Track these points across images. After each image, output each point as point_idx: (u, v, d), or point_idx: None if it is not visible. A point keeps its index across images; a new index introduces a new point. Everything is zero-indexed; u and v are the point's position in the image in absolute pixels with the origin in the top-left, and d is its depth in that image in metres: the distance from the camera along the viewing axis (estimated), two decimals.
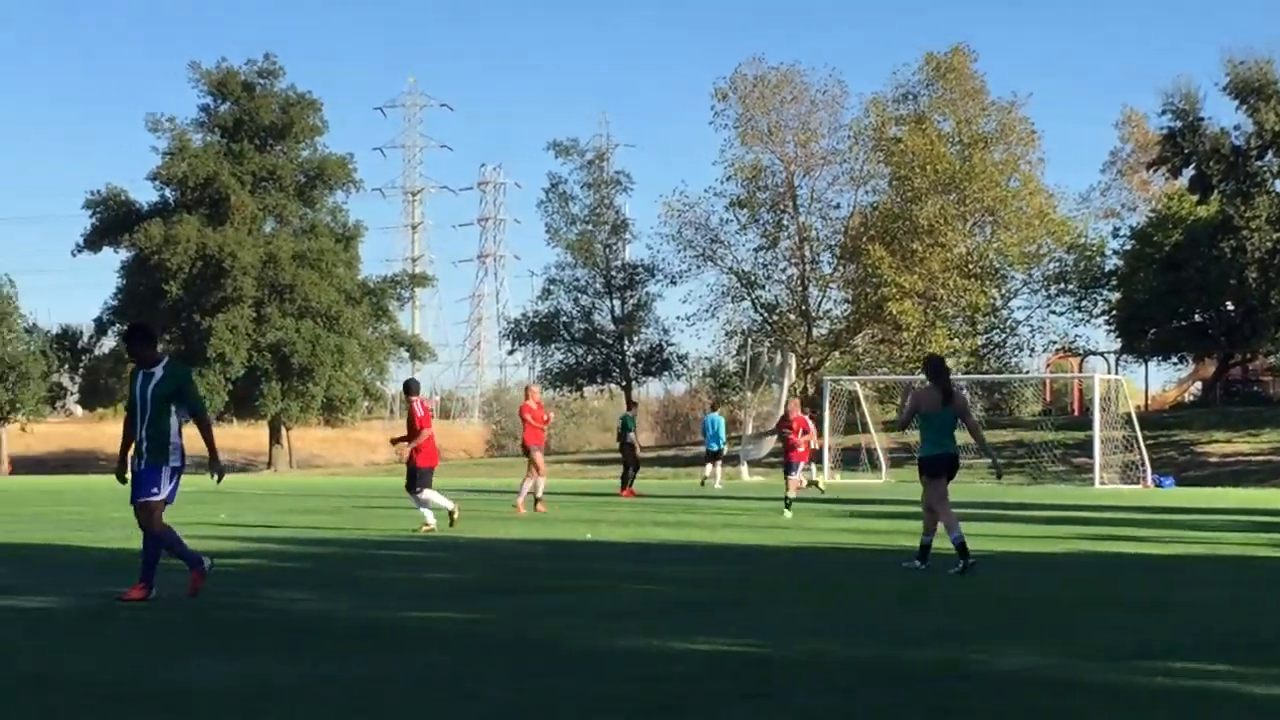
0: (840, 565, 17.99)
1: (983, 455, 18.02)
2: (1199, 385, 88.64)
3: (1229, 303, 71.98)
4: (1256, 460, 58.25)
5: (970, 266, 75.81)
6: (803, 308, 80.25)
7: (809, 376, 75.67)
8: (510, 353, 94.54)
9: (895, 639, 10.81)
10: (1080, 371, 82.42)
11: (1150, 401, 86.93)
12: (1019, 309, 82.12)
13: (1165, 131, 71.94)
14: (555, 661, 9.68)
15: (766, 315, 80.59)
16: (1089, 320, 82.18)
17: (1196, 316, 74.45)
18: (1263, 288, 68.05)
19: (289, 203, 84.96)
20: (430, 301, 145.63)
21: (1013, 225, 76.07)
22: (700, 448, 51.85)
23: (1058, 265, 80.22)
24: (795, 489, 29.62)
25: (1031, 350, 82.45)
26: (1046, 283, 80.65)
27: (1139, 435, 54.09)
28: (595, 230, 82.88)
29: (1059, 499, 39.59)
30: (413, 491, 23.22)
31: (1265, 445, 60.77)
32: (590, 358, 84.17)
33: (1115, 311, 78.16)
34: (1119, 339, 79.60)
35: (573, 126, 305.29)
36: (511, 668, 9.41)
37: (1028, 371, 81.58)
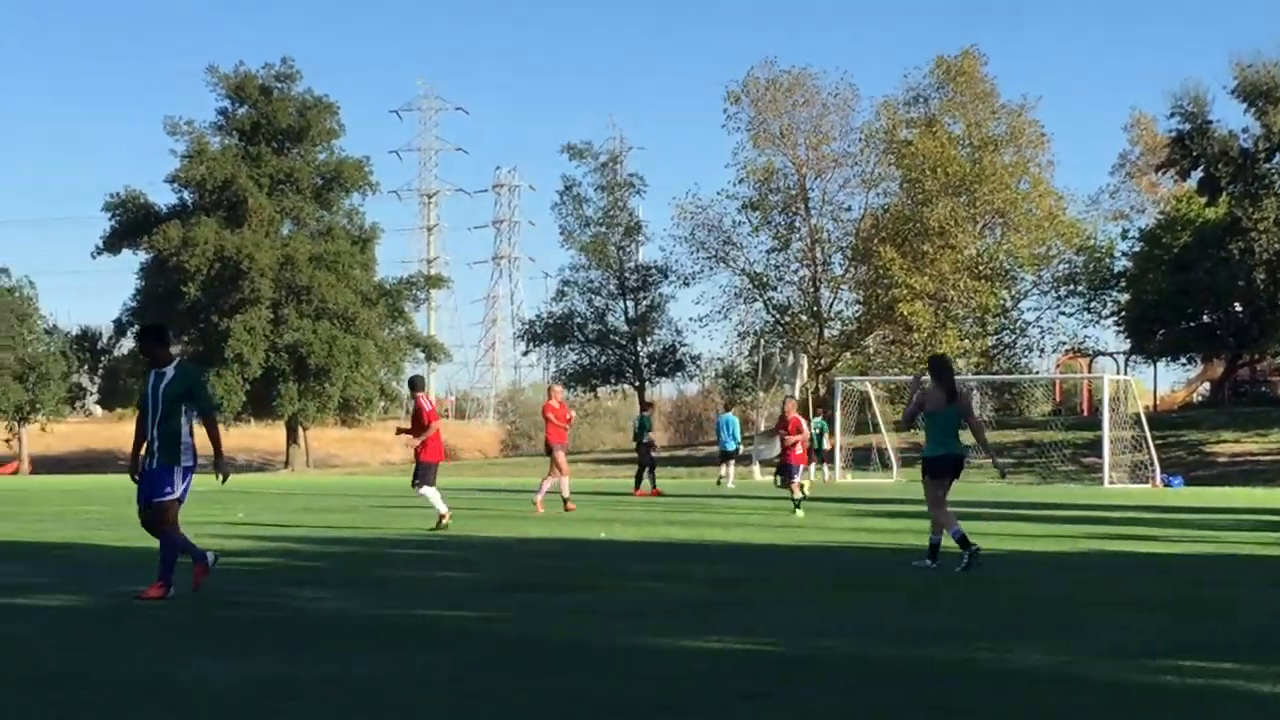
0: (850, 564, 17.97)
1: (981, 454, 17.95)
2: (1207, 386, 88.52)
3: (1237, 304, 71.86)
4: (1265, 460, 58.10)
5: (981, 268, 75.75)
6: (814, 309, 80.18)
7: (821, 377, 75.56)
8: (525, 353, 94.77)
9: (904, 638, 10.80)
10: (1090, 372, 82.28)
11: (1159, 402, 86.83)
12: (1029, 310, 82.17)
13: (1174, 134, 71.85)
14: (568, 660, 9.68)
15: (778, 316, 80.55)
16: (1098, 321, 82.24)
17: (1205, 317, 74.34)
18: (1270, 289, 67.92)
19: (306, 205, 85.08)
20: (446, 303, 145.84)
21: (1023, 227, 75.98)
22: (713, 448, 51.85)
23: (1067, 267, 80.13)
24: (797, 490, 29.50)
25: (1041, 351, 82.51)
26: (1056, 284, 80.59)
27: (1148, 435, 54.00)
28: (609, 232, 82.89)
29: (1069, 498, 39.53)
30: (417, 486, 23.29)
31: (1273, 445, 60.64)
32: (604, 358, 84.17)
33: (1124, 312, 78.06)
34: (1128, 340, 79.47)
35: (586, 130, 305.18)
36: (525, 666, 9.42)
37: (1038, 372, 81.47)
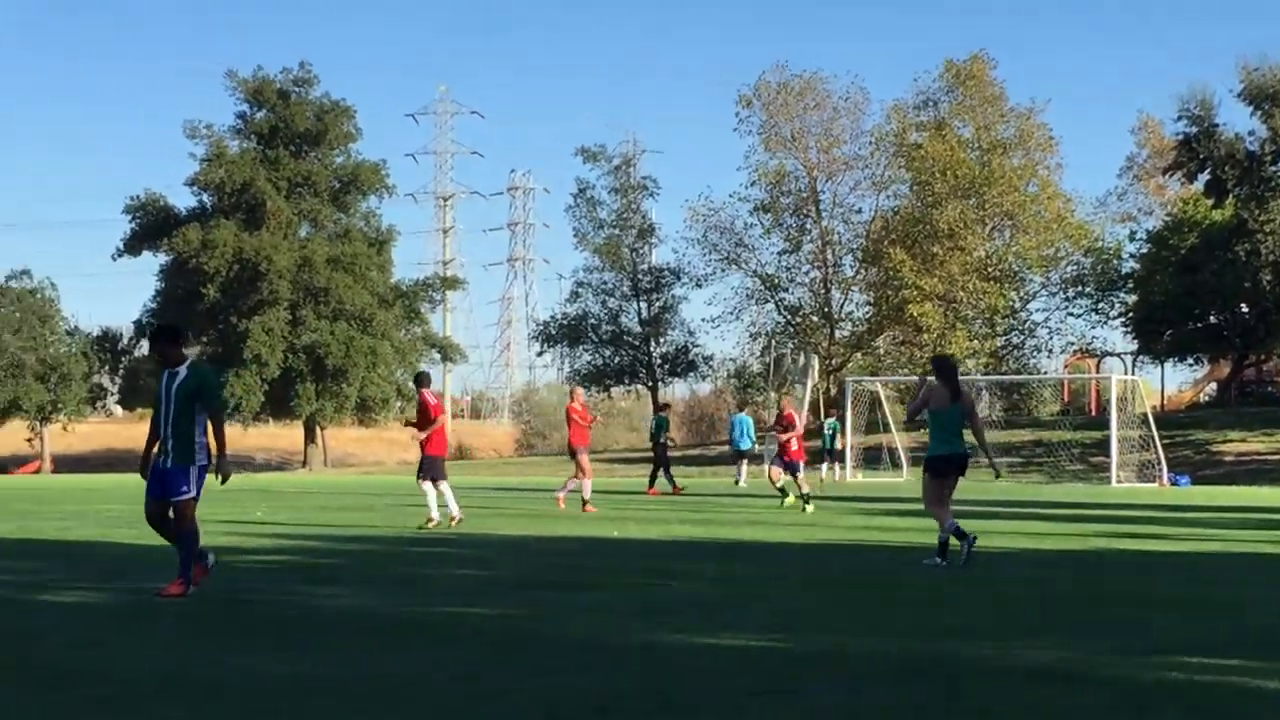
0: (861, 562, 17.95)
1: (981, 454, 17.93)
2: (1214, 386, 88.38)
3: (1243, 305, 71.76)
4: (1271, 459, 57.98)
5: (990, 269, 75.67)
6: (825, 310, 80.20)
7: (831, 377, 75.57)
8: (539, 354, 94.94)
9: (913, 634, 10.78)
10: (1098, 372, 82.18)
11: (1166, 402, 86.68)
12: (1037, 311, 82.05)
13: (1181, 137, 71.72)
14: (582, 657, 9.68)
15: (790, 317, 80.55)
16: (1106, 322, 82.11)
17: (1212, 318, 74.24)
18: (1277, 290, 67.83)
19: (323, 208, 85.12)
20: (461, 304, 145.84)
21: (1031, 229, 75.91)
22: (724, 447, 51.82)
23: (1075, 268, 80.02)
24: (805, 485, 29.51)
25: (1050, 351, 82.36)
26: (1064, 285, 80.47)
27: (1155, 435, 53.93)
28: (622, 234, 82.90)
29: (1077, 497, 39.47)
30: (421, 480, 23.26)
31: (1279, 444, 60.52)
32: (617, 359, 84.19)
33: (1132, 313, 77.99)
34: (1135, 340, 79.40)
35: (600, 134, 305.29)
36: (540, 663, 9.41)
37: (1046, 372, 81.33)
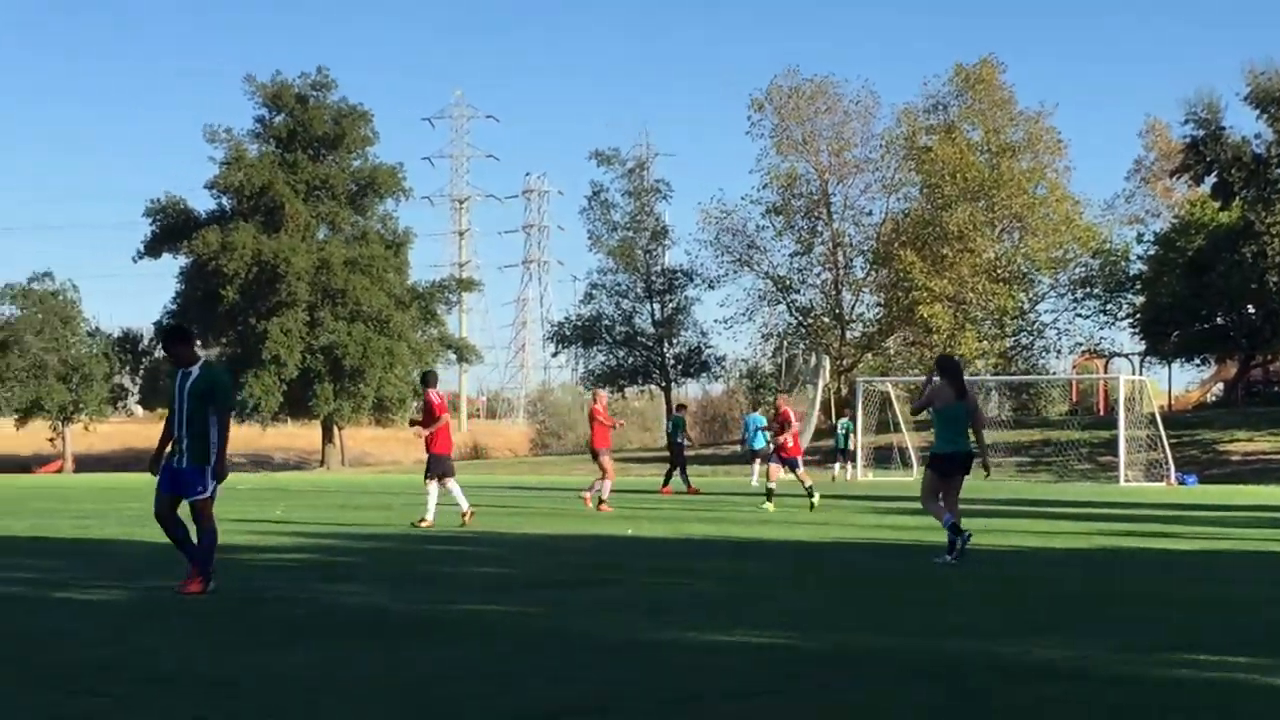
0: (872, 560, 17.93)
1: (977, 450, 17.89)
2: (1221, 386, 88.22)
3: (1250, 306, 71.61)
4: (1277, 458, 57.80)
5: (999, 271, 75.58)
6: (836, 311, 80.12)
7: (842, 378, 75.54)
8: (554, 355, 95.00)
9: (924, 632, 10.77)
10: (1106, 373, 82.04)
11: (1174, 402, 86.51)
12: (1046, 312, 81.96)
13: (1188, 140, 71.55)
14: (596, 654, 9.67)
15: (801, 318, 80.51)
16: (1114, 323, 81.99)
17: (1219, 319, 74.08)
18: None
19: (341, 210, 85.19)
20: (477, 305, 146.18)
21: (1040, 231, 75.81)
22: (735, 446, 51.80)
23: (1084, 270, 79.91)
24: (806, 478, 29.56)
25: (1058, 352, 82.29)
26: (1073, 287, 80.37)
27: (1163, 434, 53.82)
28: (636, 236, 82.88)
29: (1085, 496, 39.42)
30: (428, 480, 23.27)
31: None
32: (631, 360, 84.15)
33: (1139, 314, 77.85)
34: (1143, 341, 79.23)
35: (614, 137, 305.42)
36: (554, 660, 9.41)
37: (1055, 373, 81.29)
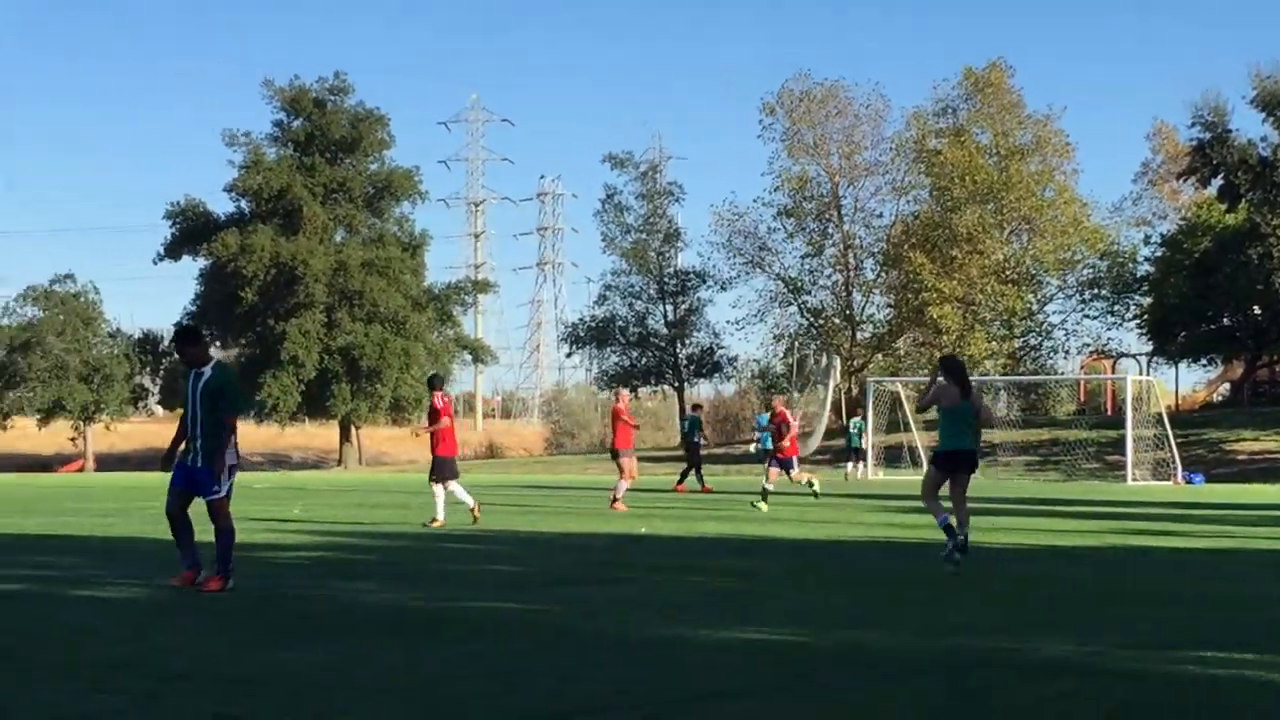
0: (882, 558, 17.92)
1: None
2: (1227, 386, 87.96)
3: (1256, 307, 71.41)
4: None
5: (1007, 273, 75.49)
6: (847, 312, 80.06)
7: (853, 378, 75.45)
8: (568, 355, 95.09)
9: (935, 629, 10.75)
10: (1113, 373, 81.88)
11: (1180, 401, 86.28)
12: (1054, 313, 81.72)
13: (1194, 143, 71.37)
14: (609, 652, 9.67)
15: (812, 319, 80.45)
16: (1121, 324, 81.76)
17: (1225, 320, 73.87)
18: None
19: (358, 213, 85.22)
20: (492, 307, 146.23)
21: (1048, 233, 75.70)
22: (747, 446, 51.74)
23: (1091, 271, 79.73)
24: (802, 477, 29.84)
25: (1066, 353, 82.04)
26: (1081, 288, 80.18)
27: (1170, 434, 53.70)
28: (649, 239, 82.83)
29: (1093, 495, 39.35)
30: (433, 482, 23.29)
31: None
32: (644, 360, 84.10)
33: (1147, 315, 77.66)
34: (1150, 342, 79.07)
35: (627, 140, 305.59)
36: (568, 658, 9.41)
37: (1063, 373, 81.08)
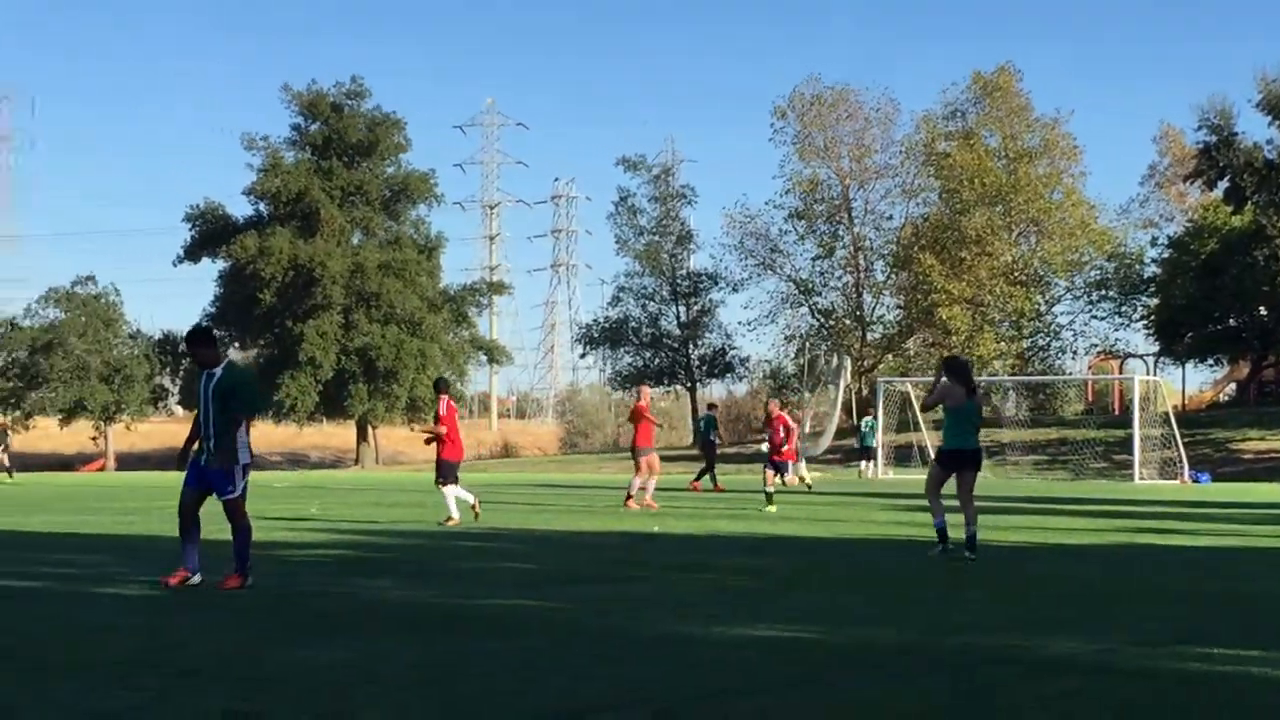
0: (892, 557, 17.88)
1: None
2: (1234, 386, 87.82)
3: (1262, 308, 71.27)
4: None
5: (1016, 274, 75.46)
6: (857, 313, 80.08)
7: (863, 378, 75.43)
8: (582, 356, 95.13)
9: (945, 627, 10.72)
10: (1120, 373, 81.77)
11: (1187, 401, 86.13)
12: (1062, 314, 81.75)
13: (1201, 146, 71.23)
14: (622, 649, 9.65)
15: (823, 320, 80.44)
16: (1129, 325, 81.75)
17: (1231, 321, 73.74)
18: None
19: (375, 216, 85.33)
20: (507, 308, 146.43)
21: (1056, 235, 75.69)
22: (758, 445, 51.62)
23: (1099, 273, 79.70)
24: (795, 479, 29.64)
25: (1074, 353, 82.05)
26: (1088, 289, 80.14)
27: (1176, 433, 53.64)
28: (662, 241, 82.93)
29: (1100, 493, 39.30)
30: (440, 484, 23.36)
31: None
32: (657, 360, 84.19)
33: (1154, 316, 77.55)
34: (1157, 342, 78.93)
35: (640, 144, 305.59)
36: (581, 655, 9.40)
37: (1071, 373, 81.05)
